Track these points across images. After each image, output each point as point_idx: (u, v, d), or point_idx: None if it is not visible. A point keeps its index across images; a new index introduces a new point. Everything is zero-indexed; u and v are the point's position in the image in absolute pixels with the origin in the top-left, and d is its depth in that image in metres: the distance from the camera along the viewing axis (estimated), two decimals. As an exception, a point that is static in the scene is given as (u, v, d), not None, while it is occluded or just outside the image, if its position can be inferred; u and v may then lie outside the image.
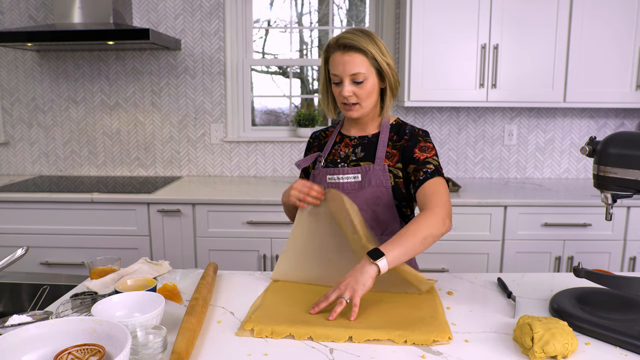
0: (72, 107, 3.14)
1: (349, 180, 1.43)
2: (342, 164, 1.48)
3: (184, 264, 2.59)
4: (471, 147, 3.11)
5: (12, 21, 3.05)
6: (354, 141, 1.50)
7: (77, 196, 2.57)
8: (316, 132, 1.62)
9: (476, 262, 2.56)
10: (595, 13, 2.61)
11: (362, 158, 1.46)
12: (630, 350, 1.01)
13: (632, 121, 3.06)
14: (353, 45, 1.33)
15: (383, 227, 1.45)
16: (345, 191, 1.42)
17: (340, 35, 1.37)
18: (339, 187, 1.44)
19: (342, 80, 1.37)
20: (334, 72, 1.37)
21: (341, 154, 1.49)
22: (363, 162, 1.45)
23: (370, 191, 1.41)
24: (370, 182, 1.41)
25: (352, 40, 1.33)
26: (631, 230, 2.50)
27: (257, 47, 3.26)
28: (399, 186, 1.42)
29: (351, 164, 1.46)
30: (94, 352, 0.90)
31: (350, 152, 1.48)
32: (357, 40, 1.33)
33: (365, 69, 1.35)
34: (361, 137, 1.50)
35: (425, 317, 1.13)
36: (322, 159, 1.50)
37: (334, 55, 1.37)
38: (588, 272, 1.15)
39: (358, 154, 1.47)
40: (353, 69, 1.34)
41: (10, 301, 1.52)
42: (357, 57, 1.34)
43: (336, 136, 1.54)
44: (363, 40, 1.34)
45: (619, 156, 1.11)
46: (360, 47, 1.33)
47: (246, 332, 1.09)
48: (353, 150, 1.48)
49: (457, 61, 2.68)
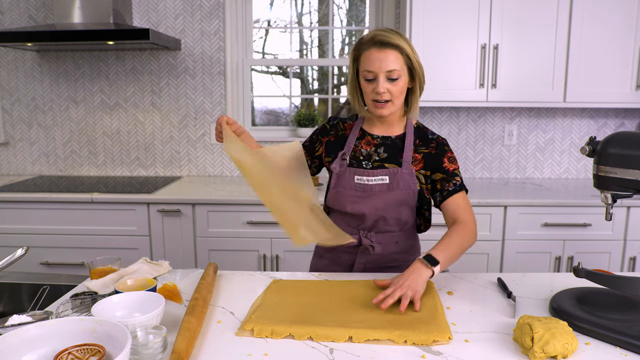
0: (72, 107, 3.14)
1: (377, 182, 1.44)
2: (365, 162, 1.47)
3: (184, 264, 2.59)
4: (471, 147, 3.11)
5: (12, 21, 3.05)
6: (376, 140, 1.49)
7: (77, 196, 2.57)
8: (334, 120, 1.58)
9: (476, 262, 2.56)
10: (595, 13, 2.61)
11: (386, 159, 1.46)
12: (630, 350, 1.01)
13: (632, 121, 3.06)
14: (389, 42, 1.35)
15: (402, 225, 1.50)
16: (373, 193, 1.44)
17: (375, 32, 1.38)
18: (367, 189, 1.44)
19: (377, 77, 1.37)
20: (369, 68, 1.37)
21: (363, 152, 1.49)
22: (387, 163, 1.46)
23: (398, 193, 1.43)
24: (399, 185, 1.43)
25: (388, 38, 1.36)
26: (631, 230, 2.50)
27: (257, 47, 3.26)
28: (423, 191, 1.47)
29: (375, 164, 1.46)
30: (94, 352, 0.90)
31: (373, 151, 1.48)
32: (392, 38, 1.36)
33: (400, 66, 1.37)
34: (384, 137, 1.49)
35: (425, 317, 1.13)
36: (347, 157, 1.48)
37: (368, 52, 1.38)
38: (588, 272, 1.16)
39: (381, 154, 1.47)
40: (389, 65, 1.36)
41: (10, 301, 1.52)
42: (392, 53, 1.36)
43: (357, 131, 1.53)
44: (398, 38, 1.37)
45: (619, 156, 1.11)
46: (396, 43, 1.36)
47: (246, 332, 1.09)
48: (375, 149, 1.48)
49: (457, 61, 2.68)
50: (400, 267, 1.50)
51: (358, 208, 1.46)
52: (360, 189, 1.45)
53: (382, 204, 1.43)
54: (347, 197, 1.47)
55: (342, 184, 1.47)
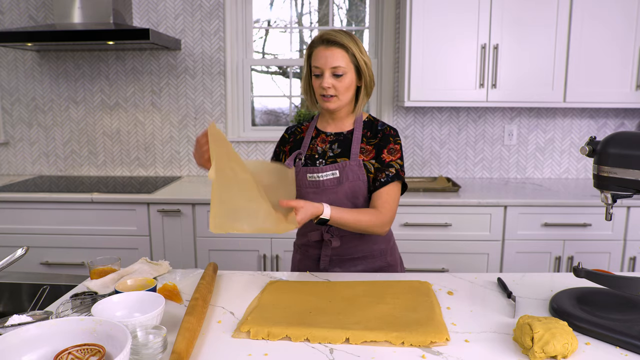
0: (72, 107, 3.14)
1: (328, 177, 1.51)
2: (320, 159, 1.54)
3: (184, 264, 2.59)
4: (471, 147, 3.11)
5: (12, 21, 3.05)
6: (330, 137, 1.57)
7: (77, 196, 2.57)
8: (292, 128, 1.68)
9: (476, 262, 2.56)
10: (595, 13, 2.61)
11: (339, 154, 1.54)
12: (630, 350, 1.01)
13: (632, 121, 3.06)
14: (335, 40, 1.44)
15: None
16: (325, 188, 1.51)
17: (324, 32, 1.48)
18: (320, 185, 1.51)
19: (323, 73, 1.46)
20: (316, 64, 1.47)
21: (318, 150, 1.56)
22: (340, 158, 1.53)
23: (349, 186, 1.50)
24: (348, 177, 1.49)
25: (334, 37, 1.45)
26: (631, 230, 2.50)
27: (257, 47, 3.26)
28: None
29: (329, 160, 1.53)
30: (94, 352, 0.90)
31: (327, 148, 1.56)
32: (339, 37, 1.45)
33: (345, 63, 1.45)
34: (337, 133, 1.57)
35: (422, 319, 1.12)
36: (302, 157, 1.56)
37: (317, 50, 1.47)
38: (588, 272, 1.15)
39: (335, 150, 1.55)
40: (334, 62, 1.44)
41: (10, 301, 1.52)
42: (338, 51, 1.45)
43: (312, 131, 1.60)
44: (344, 38, 1.45)
45: (619, 156, 1.11)
46: (342, 42, 1.44)
47: (242, 334, 1.08)
48: (330, 146, 1.56)
49: (457, 61, 2.68)
50: (367, 258, 1.58)
51: None
52: (314, 186, 1.52)
53: (335, 198, 1.50)
54: (302, 195, 1.54)
55: (297, 183, 1.54)
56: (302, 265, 1.63)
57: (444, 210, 2.52)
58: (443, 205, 2.51)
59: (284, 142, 1.66)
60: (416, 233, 2.52)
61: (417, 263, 2.55)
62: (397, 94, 3.07)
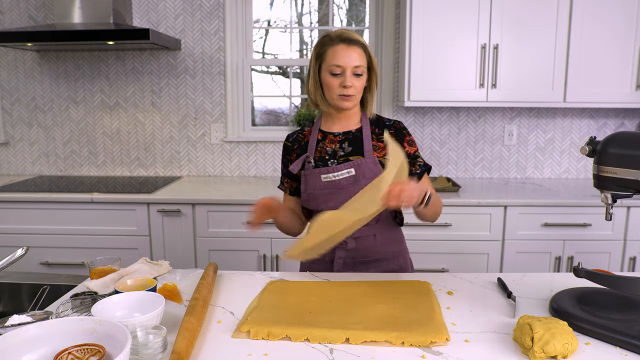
0: (72, 107, 3.14)
1: (344, 176, 1.48)
2: (332, 160, 1.51)
3: (184, 264, 2.59)
4: (471, 147, 3.11)
5: (12, 21, 3.05)
6: (338, 137, 1.54)
7: (77, 196, 2.57)
8: (292, 135, 1.62)
9: (476, 262, 2.56)
10: (595, 13, 2.61)
11: (351, 152, 1.51)
12: (630, 350, 1.01)
13: (632, 121, 3.06)
14: (357, 40, 1.45)
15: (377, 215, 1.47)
16: (342, 187, 1.47)
17: (340, 31, 1.46)
18: (335, 184, 1.47)
19: (344, 72, 1.44)
20: (337, 63, 1.43)
21: (328, 150, 1.53)
22: (352, 156, 1.50)
23: (366, 183, 1.45)
24: (365, 175, 1.46)
25: (354, 36, 1.46)
26: (631, 230, 2.50)
27: (257, 47, 3.26)
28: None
29: (341, 159, 1.50)
30: (94, 352, 0.90)
31: (338, 147, 1.53)
32: (357, 36, 1.46)
33: (364, 63, 1.46)
34: (345, 132, 1.55)
35: (422, 319, 1.12)
36: (312, 159, 1.52)
37: (335, 48, 1.44)
38: (588, 272, 1.15)
39: (346, 148, 1.52)
40: (357, 61, 1.44)
41: (10, 301, 1.52)
42: (359, 51, 1.45)
43: (317, 134, 1.57)
44: (360, 37, 1.48)
45: (618, 156, 1.11)
46: (362, 42, 1.46)
47: (242, 334, 1.08)
48: (340, 145, 1.53)
49: (457, 61, 2.67)
50: (382, 260, 1.55)
51: (330, 205, 1.46)
52: (329, 186, 1.48)
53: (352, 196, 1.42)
54: (318, 196, 1.50)
55: (311, 186, 1.51)
56: (314, 269, 1.57)
57: (444, 210, 2.50)
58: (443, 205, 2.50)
59: (289, 151, 1.60)
60: (416, 233, 2.52)
61: (417, 263, 2.54)
62: (397, 94, 3.07)
